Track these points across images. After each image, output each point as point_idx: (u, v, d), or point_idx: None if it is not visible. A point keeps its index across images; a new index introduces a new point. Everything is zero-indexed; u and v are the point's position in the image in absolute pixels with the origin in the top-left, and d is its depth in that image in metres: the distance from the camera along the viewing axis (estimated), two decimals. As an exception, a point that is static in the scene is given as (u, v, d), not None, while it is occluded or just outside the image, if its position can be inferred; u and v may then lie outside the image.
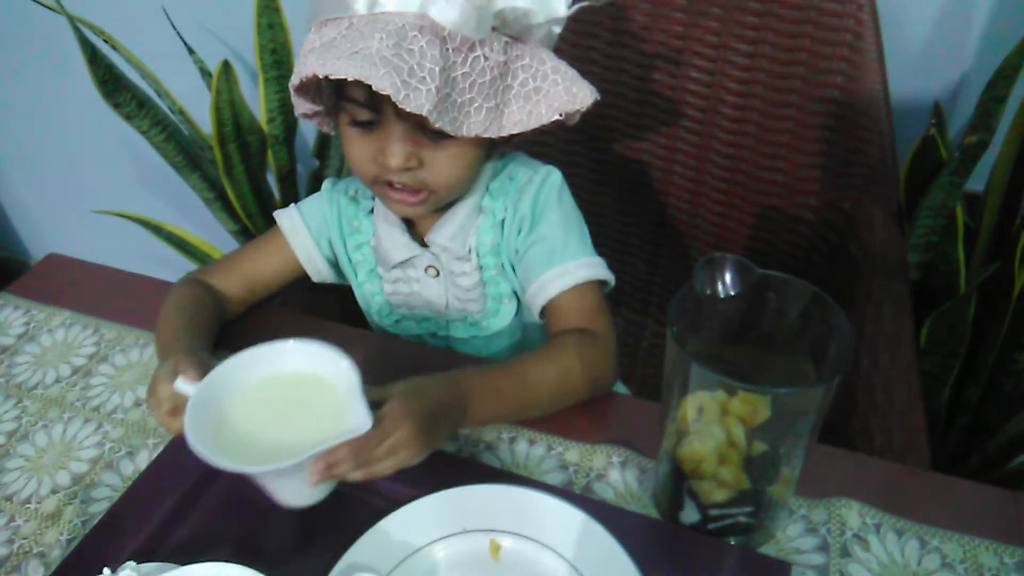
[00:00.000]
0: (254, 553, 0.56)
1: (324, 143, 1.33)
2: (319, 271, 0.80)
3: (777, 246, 1.04)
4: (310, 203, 0.80)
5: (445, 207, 0.73)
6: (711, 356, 0.53)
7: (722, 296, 0.51)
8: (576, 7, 0.64)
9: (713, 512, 0.54)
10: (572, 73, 0.66)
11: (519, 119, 0.65)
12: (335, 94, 0.67)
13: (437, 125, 0.59)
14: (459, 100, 0.60)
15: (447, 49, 0.59)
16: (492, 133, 0.64)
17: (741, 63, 0.97)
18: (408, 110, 0.57)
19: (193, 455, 0.61)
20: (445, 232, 0.73)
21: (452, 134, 0.61)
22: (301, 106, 0.68)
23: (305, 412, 0.54)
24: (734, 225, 1.07)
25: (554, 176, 0.75)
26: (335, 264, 0.81)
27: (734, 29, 0.96)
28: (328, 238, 0.79)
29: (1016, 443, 0.99)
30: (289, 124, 1.23)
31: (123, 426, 0.68)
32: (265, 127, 1.20)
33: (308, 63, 0.59)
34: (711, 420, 0.50)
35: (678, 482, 0.54)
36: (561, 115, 0.66)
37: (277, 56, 1.14)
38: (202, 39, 1.33)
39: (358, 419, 0.50)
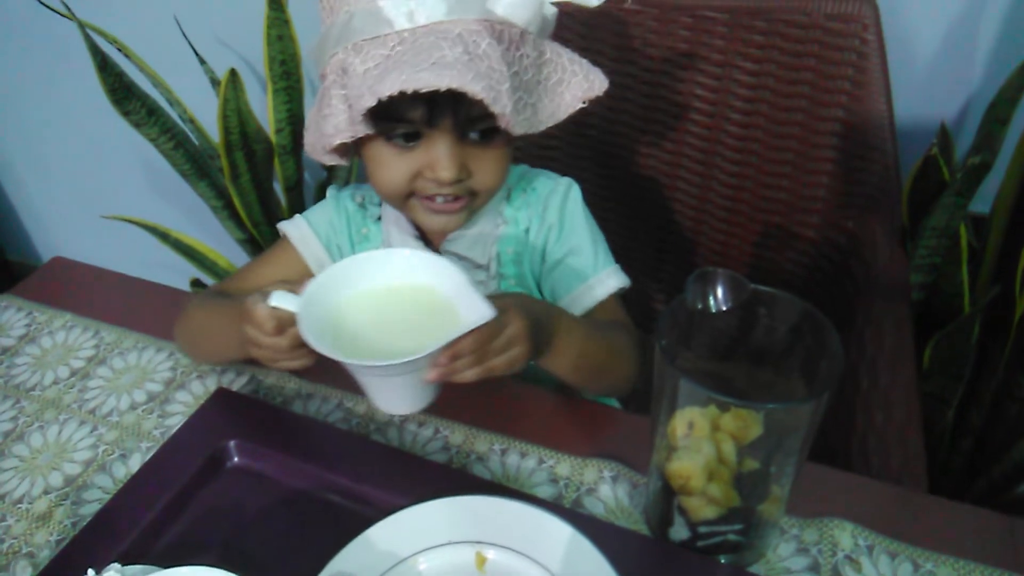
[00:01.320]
0: (240, 559, 0.56)
1: (332, 154, 1.34)
2: None
3: (780, 264, 1.04)
4: (316, 212, 0.80)
5: None
6: (702, 371, 0.53)
7: (713, 311, 0.50)
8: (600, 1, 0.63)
9: (703, 529, 0.53)
10: (583, 61, 0.67)
11: (551, 111, 0.66)
12: (374, 116, 0.62)
13: (510, 127, 0.59)
14: (515, 99, 0.61)
15: (505, 50, 0.59)
16: (533, 129, 0.64)
17: (746, 80, 0.97)
18: (496, 112, 0.57)
19: (182, 459, 0.62)
20: (463, 243, 0.74)
21: (511, 132, 0.61)
22: (338, 135, 0.63)
23: (415, 315, 0.56)
24: (737, 242, 1.07)
25: (576, 186, 0.77)
26: None
27: (739, 47, 0.96)
28: (338, 245, 0.78)
29: (1021, 468, 0.98)
30: (297, 135, 1.24)
31: (118, 429, 0.69)
32: (273, 137, 1.21)
33: (384, 82, 0.56)
34: (701, 436, 0.49)
35: (668, 498, 0.53)
36: (584, 103, 0.67)
37: (286, 67, 1.15)
38: (214, 49, 1.35)
39: (478, 311, 0.51)
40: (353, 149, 0.68)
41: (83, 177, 1.80)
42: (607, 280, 0.73)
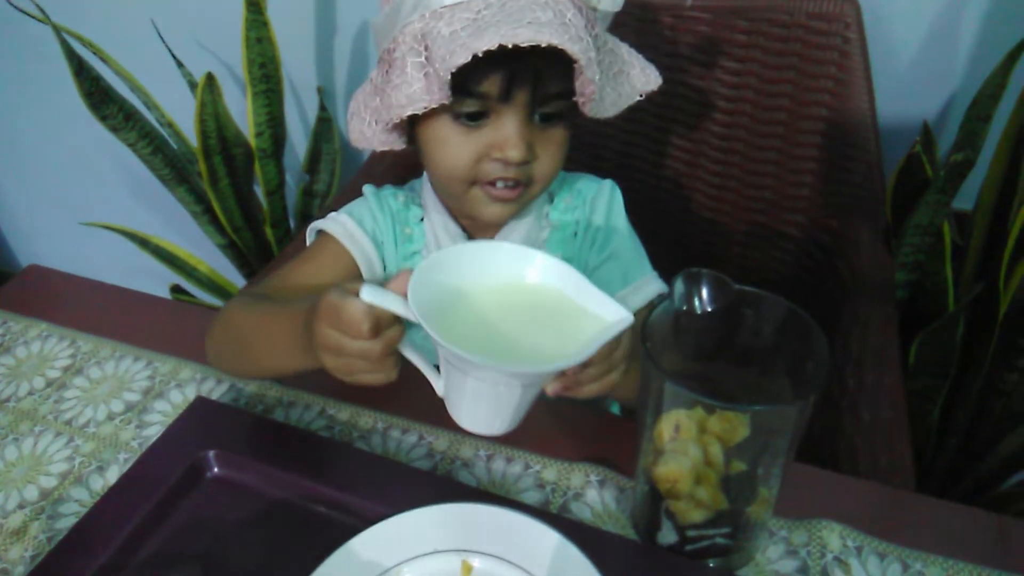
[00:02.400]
0: (221, 572, 0.55)
1: (315, 158, 1.33)
2: (378, 279, 0.73)
3: (766, 263, 1.04)
4: (357, 208, 0.75)
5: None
6: (688, 372, 0.52)
7: (699, 312, 0.50)
8: None
9: (691, 533, 0.52)
10: (639, 55, 0.66)
11: (613, 100, 0.65)
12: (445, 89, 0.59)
13: (590, 99, 0.58)
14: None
15: (586, 24, 0.58)
16: (598, 114, 0.63)
17: (729, 80, 0.97)
18: (588, 77, 0.56)
19: (161, 470, 0.60)
20: None
21: (586, 110, 0.60)
22: (412, 104, 0.59)
23: (543, 316, 0.49)
24: (723, 241, 1.06)
25: (617, 189, 0.76)
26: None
27: (722, 46, 0.96)
28: (382, 242, 0.74)
29: (1008, 464, 0.98)
30: (278, 138, 1.22)
31: (94, 440, 0.67)
32: (253, 141, 1.20)
33: (481, 38, 0.53)
34: (687, 439, 0.49)
35: (655, 502, 0.53)
36: (642, 95, 0.66)
37: (266, 70, 1.14)
38: (193, 52, 1.33)
39: (615, 313, 0.47)
40: (410, 134, 0.66)
41: (61, 183, 1.78)
42: (645, 287, 0.72)
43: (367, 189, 0.76)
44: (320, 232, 0.73)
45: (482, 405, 0.49)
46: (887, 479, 0.64)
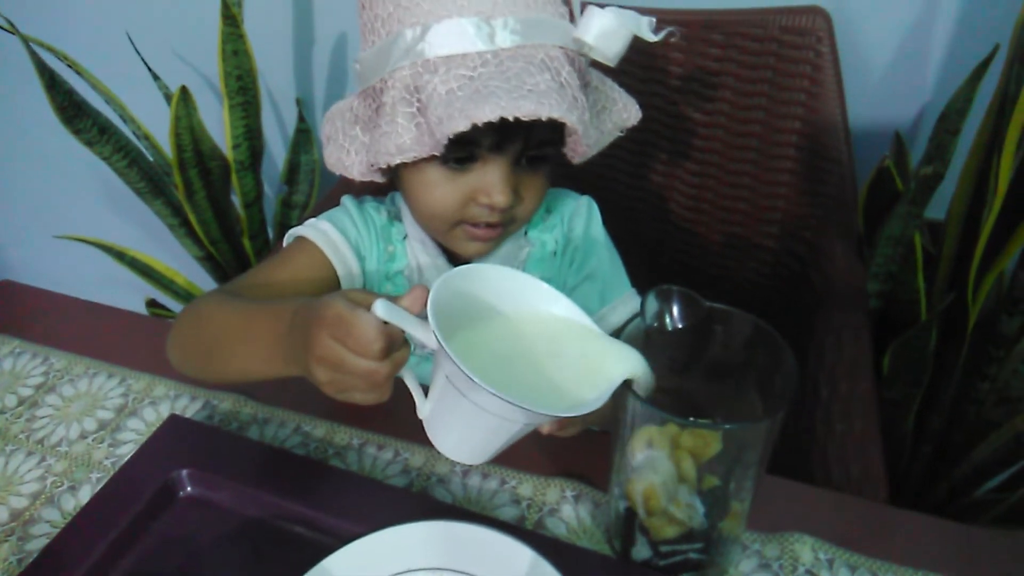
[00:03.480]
0: (194, 593, 0.55)
1: (294, 169, 1.33)
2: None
3: (742, 274, 1.05)
4: (338, 218, 0.72)
5: None
6: (660, 387, 0.53)
7: (670, 328, 0.50)
8: (661, 34, 0.62)
9: (664, 548, 0.53)
10: (620, 89, 0.67)
11: (596, 139, 0.66)
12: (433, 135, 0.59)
13: (580, 155, 0.61)
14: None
15: (580, 77, 0.59)
16: (580, 157, 0.64)
17: (704, 93, 0.98)
18: (584, 143, 0.58)
19: (134, 489, 0.60)
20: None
21: (572, 161, 0.62)
22: (403, 154, 0.59)
23: (551, 355, 0.47)
24: (699, 252, 1.07)
25: (595, 206, 0.75)
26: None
27: (697, 59, 0.97)
28: (365, 257, 0.72)
29: (981, 471, 0.99)
30: (255, 150, 1.22)
31: (67, 459, 0.66)
32: (230, 153, 1.19)
33: (482, 108, 0.54)
34: (660, 454, 0.49)
35: (629, 518, 0.53)
36: (621, 131, 0.67)
37: (242, 82, 1.14)
38: (170, 64, 1.33)
39: (630, 361, 0.45)
40: (393, 169, 0.65)
41: (36, 196, 1.76)
42: (623, 306, 0.72)
43: (347, 200, 0.74)
44: (299, 238, 0.71)
45: (476, 435, 0.47)
46: (859, 489, 0.65)
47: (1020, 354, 0.90)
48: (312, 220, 0.72)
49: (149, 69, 1.17)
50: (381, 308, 0.44)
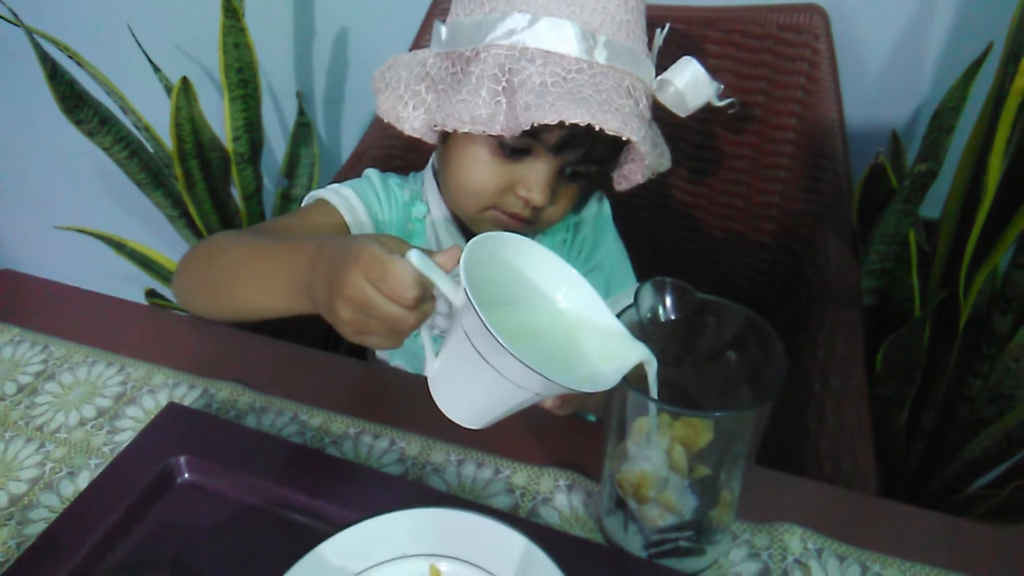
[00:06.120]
0: (191, 577, 0.55)
1: (293, 162, 1.33)
2: None
3: (739, 270, 1.05)
4: (362, 188, 0.72)
5: None
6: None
7: (663, 320, 0.51)
8: (724, 102, 0.69)
9: (655, 537, 0.53)
10: (662, 136, 0.70)
11: (630, 177, 0.71)
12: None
13: (626, 183, 0.68)
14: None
15: (650, 113, 0.65)
16: (629, 184, 0.70)
17: (702, 90, 0.98)
18: (652, 168, 0.66)
19: (132, 475, 0.60)
20: None
21: (618, 186, 0.69)
22: (475, 124, 0.61)
23: (570, 331, 0.49)
24: (697, 248, 1.08)
25: (606, 200, 0.77)
26: None
27: (694, 56, 0.97)
28: (384, 224, 0.72)
29: (974, 468, 1.00)
30: (255, 143, 1.22)
31: (66, 446, 0.67)
32: (230, 145, 1.19)
33: (572, 108, 0.57)
34: (652, 444, 0.50)
35: (621, 506, 0.54)
36: (653, 175, 0.70)
37: (243, 75, 1.14)
38: (171, 56, 1.33)
39: (638, 351, 0.47)
40: (442, 139, 0.68)
41: (36, 186, 1.77)
42: (624, 299, 0.72)
43: (372, 173, 0.75)
44: (319, 200, 0.71)
45: (484, 399, 0.47)
46: (849, 483, 0.65)
47: (1012, 352, 0.91)
48: (335, 185, 0.72)
49: (150, 61, 1.17)
50: (416, 258, 0.45)
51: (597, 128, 0.57)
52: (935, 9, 0.97)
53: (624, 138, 0.59)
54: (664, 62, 0.69)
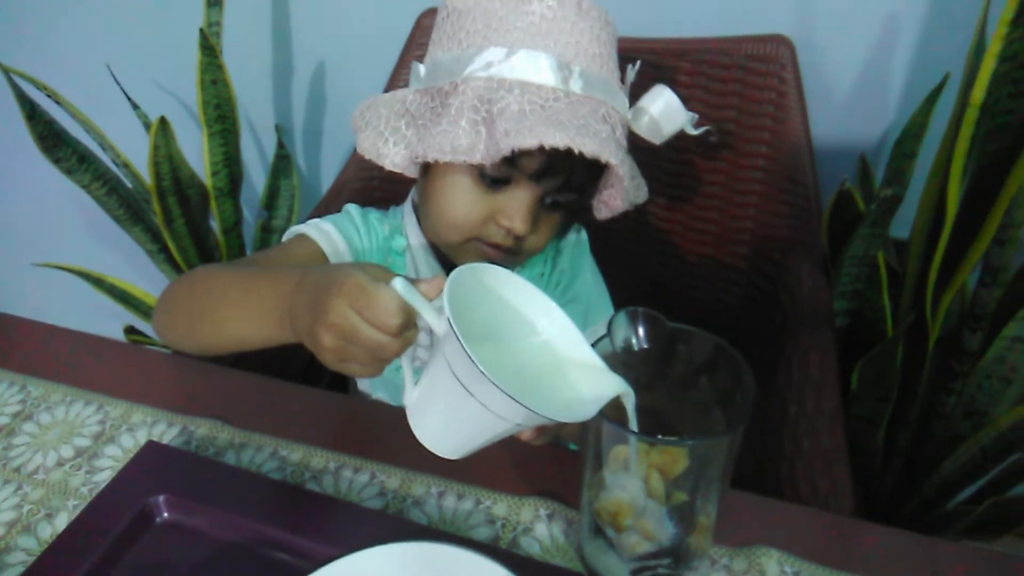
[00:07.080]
0: (171, 618, 0.55)
1: (273, 194, 1.34)
2: None
3: (714, 295, 1.07)
4: (342, 223, 0.73)
5: None
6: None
7: (636, 349, 0.52)
8: (700, 130, 0.71)
9: (634, 565, 0.54)
10: (637, 168, 0.71)
11: (610, 204, 0.71)
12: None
13: (615, 210, 0.69)
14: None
15: (626, 141, 0.66)
16: (610, 212, 0.71)
17: (674, 118, 1.00)
18: (631, 197, 0.67)
19: (111, 516, 0.60)
20: None
21: (598, 215, 0.70)
22: (456, 154, 0.62)
23: (549, 363, 0.50)
24: (672, 274, 1.09)
25: (584, 231, 0.78)
26: None
27: (667, 85, 0.99)
28: (365, 258, 0.73)
29: (951, 484, 1.02)
30: (234, 177, 1.23)
31: (43, 487, 0.67)
32: (209, 180, 1.20)
33: (551, 133, 0.58)
34: (629, 472, 0.50)
35: (600, 535, 0.54)
36: (631, 206, 0.71)
37: (221, 111, 1.15)
38: (150, 92, 1.34)
39: (614, 383, 0.48)
40: (422, 173, 0.69)
41: (15, 223, 1.76)
42: (602, 330, 0.74)
43: (352, 208, 0.76)
44: (299, 235, 0.72)
45: (464, 429, 0.48)
46: (826, 504, 0.66)
47: (984, 369, 0.92)
48: (315, 220, 0.73)
49: (128, 98, 1.18)
50: (401, 286, 0.45)
51: (576, 152, 0.58)
52: (897, 39, 1.00)
53: (603, 161, 0.60)
54: (638, 93, 0.71)
